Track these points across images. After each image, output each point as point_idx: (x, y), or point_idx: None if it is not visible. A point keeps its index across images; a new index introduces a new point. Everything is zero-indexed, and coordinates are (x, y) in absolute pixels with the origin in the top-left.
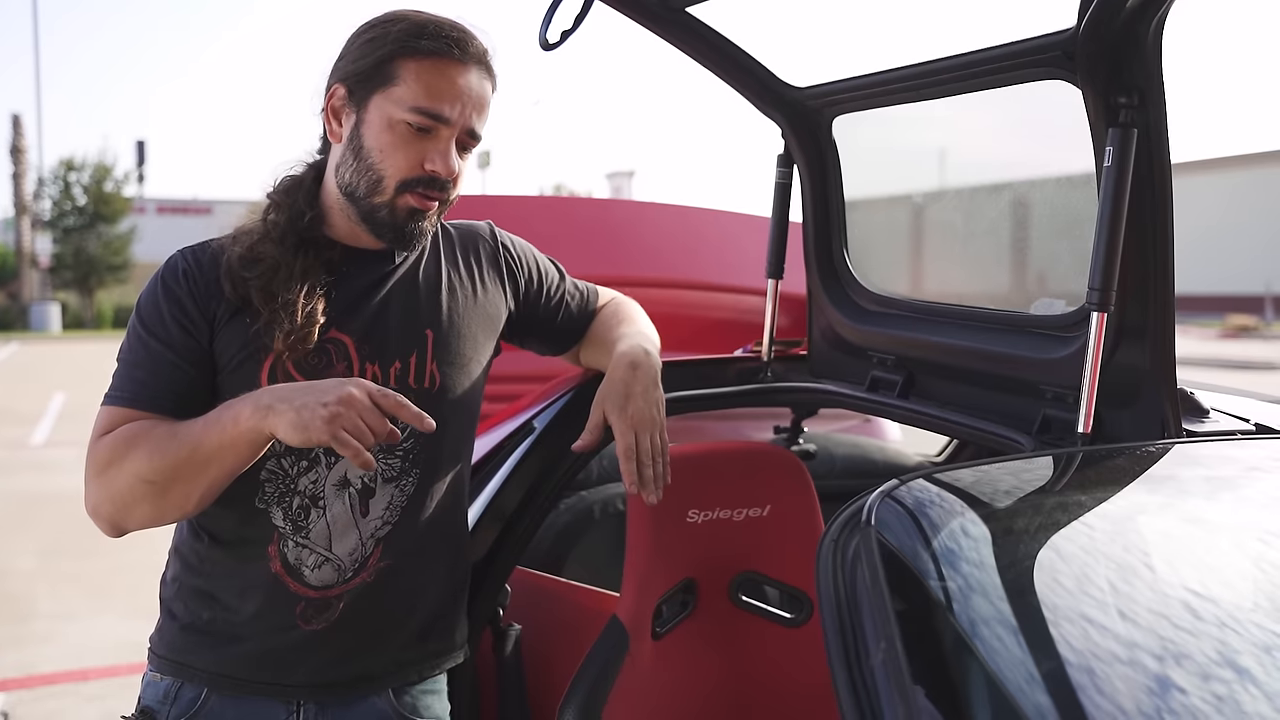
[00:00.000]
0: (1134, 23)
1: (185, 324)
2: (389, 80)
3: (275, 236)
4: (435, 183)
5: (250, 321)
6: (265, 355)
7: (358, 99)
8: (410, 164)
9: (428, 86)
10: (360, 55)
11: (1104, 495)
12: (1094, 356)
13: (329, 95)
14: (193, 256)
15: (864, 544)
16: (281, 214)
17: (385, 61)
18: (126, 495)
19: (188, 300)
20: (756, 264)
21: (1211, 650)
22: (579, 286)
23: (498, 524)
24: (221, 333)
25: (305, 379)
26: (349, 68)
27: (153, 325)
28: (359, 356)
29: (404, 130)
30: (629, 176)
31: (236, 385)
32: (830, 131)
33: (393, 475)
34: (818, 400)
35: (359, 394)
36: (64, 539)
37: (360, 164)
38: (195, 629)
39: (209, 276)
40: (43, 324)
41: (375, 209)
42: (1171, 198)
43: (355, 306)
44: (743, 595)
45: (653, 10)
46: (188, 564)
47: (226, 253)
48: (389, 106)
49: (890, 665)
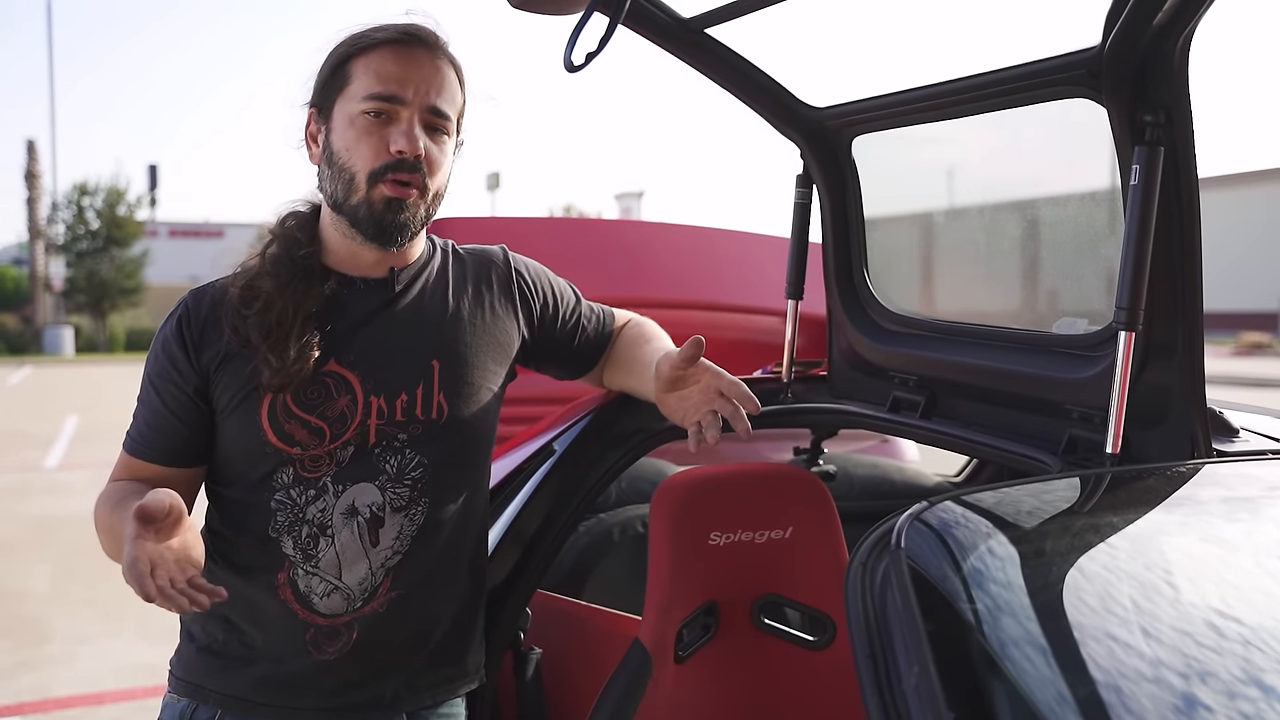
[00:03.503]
0: (1160, 40)
1: (177, 379)
2: (345, 82)
3: (271, 271)
4: (403, 165)
5: (248, 360)
6: (264, 392)
7: (324, 113)
8: (375, 151)
9: (377, 73)
10: (320, 72)
11: (1134, 516)
12: (1122, 376)
13: (306, 124)
14: (193, 301)
15: (893, 567)
16: (278, 246)
17: (338, 67)
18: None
19: (180, 352)
20: (771, 284)
21: (1239, 669)
22: (595, 309)
23: (518, 547)
24: (218, 376)
25: (307, 414)
26: (314, 87)
27: (154, 376)
28: (363, 390)
29: (364, 122)
30: (638, 197)
31: (237, 423)
32: (850, 152)
33: (401, 505)
34: (840, 421)
35: (139, 554)
36: (78, 562)
37: (334, 169)
38: (211, 651)
39: (207, 320)
40: (56, 347)
41: (355, 209)
42: (1199, 215)
43: (355, 338)
44: (765, 618)
45: (673, 32)
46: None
47: (229, 292)
48: (348, 105)
49: (924, 689)
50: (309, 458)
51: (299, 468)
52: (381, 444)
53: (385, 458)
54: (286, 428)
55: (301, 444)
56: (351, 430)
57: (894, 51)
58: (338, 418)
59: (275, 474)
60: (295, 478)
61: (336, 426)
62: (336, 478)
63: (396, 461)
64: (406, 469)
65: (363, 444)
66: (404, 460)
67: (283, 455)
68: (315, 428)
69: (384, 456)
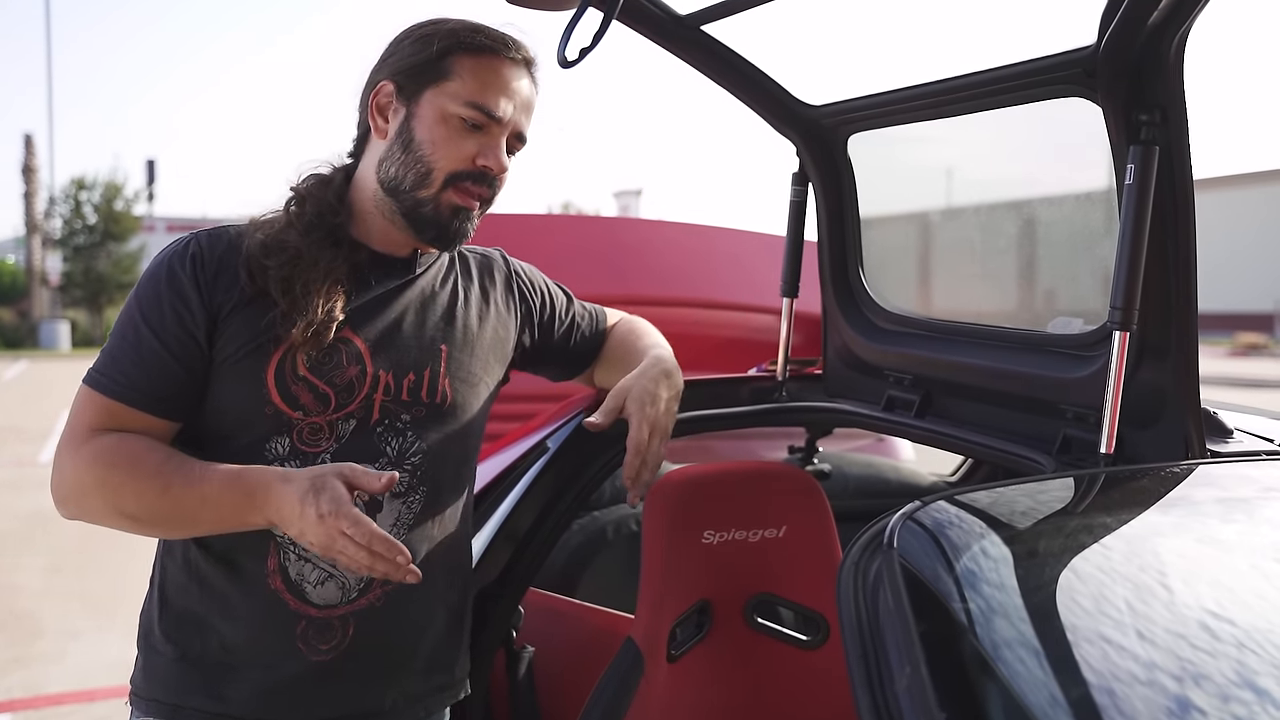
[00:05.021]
0: (1156, 40)
1: (184, 315)
2: (443, 75)
3: (300, 227)
4: (484, 178)
5: (262, 312)
6: (275, 347)
7: (408, 94)
8: (461, 157)
9: (483, 82)
10: (412, 52)
11: (1128, 516)
12: (1116, 376)
13: (375, 92)
14: (207, 240)
15: (886, 567)
16: (309, 206)
17: (439, 57)
18: (99, 517)
19: (190, 288)
20: (767, 282)
21: (1232, 672)
22: (587, 309)
23: (511, 545)
24: (227, 323)
25: (316, 377)
26: (399, 64)
27: (149, 311)
28: (373, 363)
29: (457, 124)
30: (636, 195)
31: (240, 376)
32: (846, 150)
33: (400, 491)
34: (834, 420)
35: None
36: (71, 557)
37: (409, 157)
38: (187, 662)
39: (224, 263)
40: (52, 342)
41: (420, 203)
42: (1194, 215)
43: (372, 311)
44: (758, 617)
45: (668, 29)
46: (177, 584)
47: (246, 239)
48: (443, 100)
49: (915, 690)
50: (308, 427)
51: (296, 438)
52: (384, 422)
53: (386, 438)
54: (293, 389)
55: (305, 408)
56: (357, 402)
57: (890, 50)
58: (345, 386)
59: (269, 442)
60: (292, 450)
61: (343, 395)
62: (336, 455)
63: (398, 444)
64: (407, 453)
65: (365, 419)
66: (404, 443)
67: (282, 419)
68: (321, 393)
69: (385, 436)
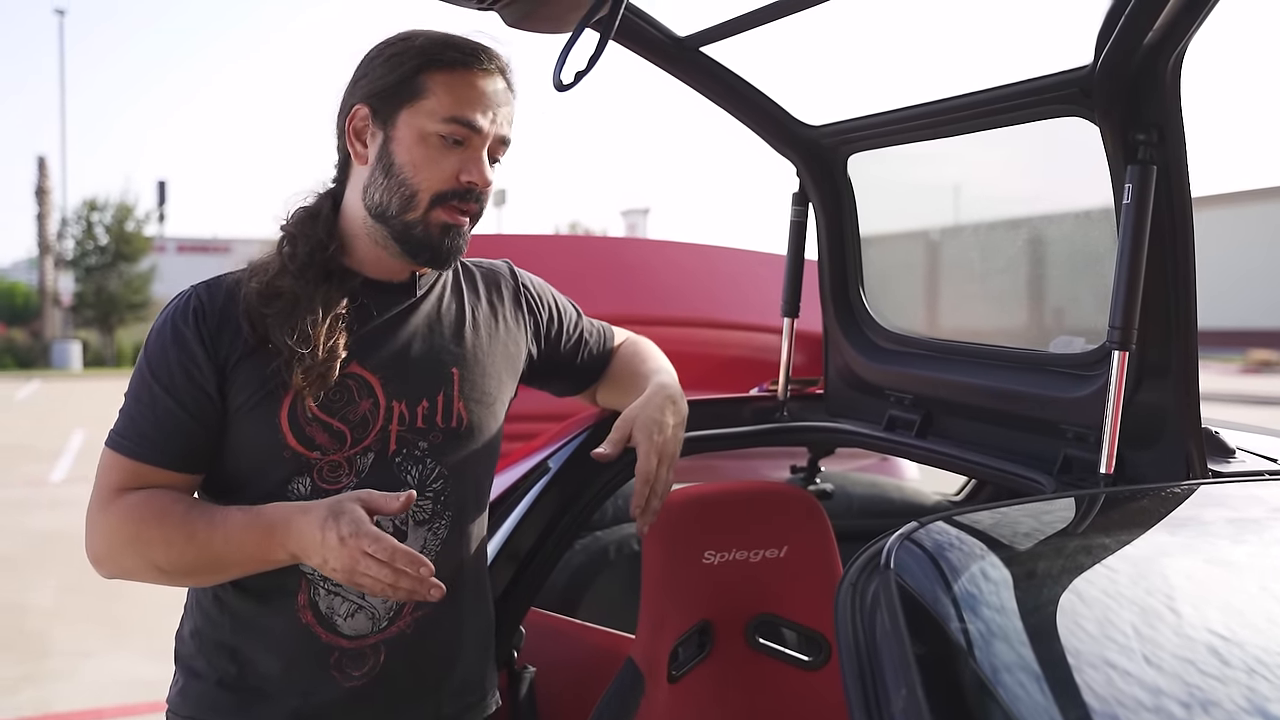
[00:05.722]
0: (1152, 59)
1: (193, 372)
2: (417, 94)
3: (294, 269)
4: (469, 194)
5: (268, 359)
6: (284, 393)
7: (383, 116)
8: (444, 176)
9: (458, 97)
10: (383, 73)
11: (1128, 538)
12: (1116, 396)
13: (350, 117)
14: (207, 293)
15: (883, 588)
16: (300, 245)
17: (411, 75)
18: (135, 573)
19: (196, 345)
20: (768, 301)
21: (1242, 698)
22: (595, 325)
23: (513, 564)
24: (235, 374)
25: (329, 416)
26: (371, 86)
27: (159, 371)
28: (384, 395)
29: (437, 143)
30: (644, 214)
31: (254, 425)
32: (845, 170)
33: (425, 518)
34: (835, 440)
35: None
36: (82, 576)
37: (391, 181)
38: (224, 686)
39: (224, 314)
40: (64, 362)
41: (409, 226)
42: (1192, 234)
43: (377, 342)
44: (759, 638)
45: (666, 50)
46: (209, 617)
47: (244, 288)
48: (420, 120)
49: (911, 712)
50: (327, 465)
51: (317, 477)
52: (402, 452)
53: (406, 467)
54: (307, 431)
55: (321, 448)
56: (372, 436)
57: (889, 70)
58: (359, 421)
59: (291, 484)
60: (313, 489)
61: (358, 431)
62: (358, 489)
63: (418, 471)
64: (428, 479)
65: (383, 451)
66: (425, 470)
67: (300, 460)
68: (336, 431)
69: (405, 466)
